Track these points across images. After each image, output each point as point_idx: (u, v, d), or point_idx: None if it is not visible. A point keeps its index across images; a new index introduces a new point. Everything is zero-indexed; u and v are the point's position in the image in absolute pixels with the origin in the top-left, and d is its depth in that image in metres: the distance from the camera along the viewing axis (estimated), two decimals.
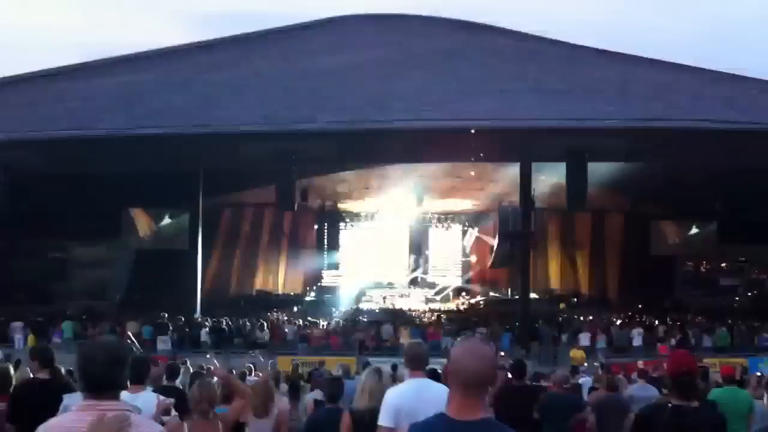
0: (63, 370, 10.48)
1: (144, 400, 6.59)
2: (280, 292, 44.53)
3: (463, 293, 46.05)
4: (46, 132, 23.28)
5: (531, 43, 33.99)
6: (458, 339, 3.33)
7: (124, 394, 6.21)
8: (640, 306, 38.48)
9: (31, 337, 27.16)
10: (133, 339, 27.97)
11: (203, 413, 6.28)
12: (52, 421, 3.39)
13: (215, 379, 8.73)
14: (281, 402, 10.28)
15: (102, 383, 3.34)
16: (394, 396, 5.48)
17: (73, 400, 5.34)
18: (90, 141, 23.61)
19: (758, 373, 17.03)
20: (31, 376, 7.53)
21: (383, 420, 5.33)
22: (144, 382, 6.98)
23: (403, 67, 28.37)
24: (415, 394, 5.38)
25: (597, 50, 33.81)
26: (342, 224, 45.53)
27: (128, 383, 6.67)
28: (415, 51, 30.95)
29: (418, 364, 5.81)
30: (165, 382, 9.22)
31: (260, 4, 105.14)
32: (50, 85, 28.58)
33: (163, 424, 5.33)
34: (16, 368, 9.39)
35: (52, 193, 28.50)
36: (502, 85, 26.12)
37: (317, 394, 11.08)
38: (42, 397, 6.32)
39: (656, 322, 32.88)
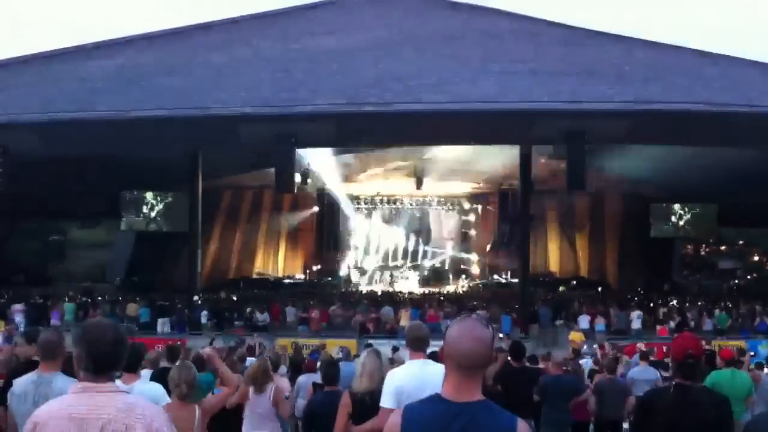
0: None
1: (140, 390, 6.47)
2: (280, 274, 44.60)
3: (463, 276, 46.13)
4: (44, 114, 23.17)
5: (530, 24, 33.81)
6: (455, 320, 3.32)
7: (117, 384, 6.19)
8: (639, 289, 38.55)
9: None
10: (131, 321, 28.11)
11: (181, 396, 6.21)
12: (51, 404, 3.36)
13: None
14: (281, 381, 10.29)
15: (109, 364, 3.33)
16: (395, 378, 5.48)
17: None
18: (88, 123, 23.50)
19: (751, 353, 17.12)
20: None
21: (385, 402, 5.34)
22: (137, 371, 6.93)
23: (402, 49, 28.25)
24: (416, 376, 5.39)
25: (596, 32, 33.66)
26: (341, 207, 45.54)
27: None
28: (414, 32, 30.80)
29: (419, 346, 5.81)
30: (166, 364, 9.21)
31: None
32: (48, 67, 28.44)
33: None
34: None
35: (51, 175, 28.46)
36: (501, 66, 26.01)
37: (315, 376, 11.09)
38: None
39: (656, 304, 32.92)
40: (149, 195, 34.64)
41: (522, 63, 26.37)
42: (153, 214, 35.27)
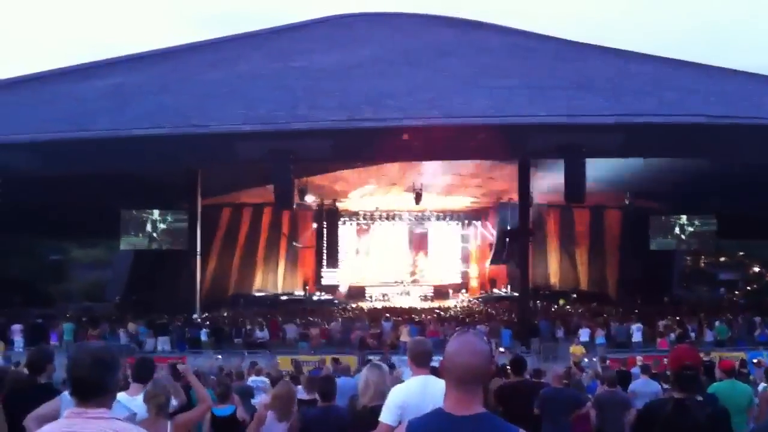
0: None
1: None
2: (279, 291, 44.52)
3: (463, 290, 46.09)
4: (42, 134, 23.22)
5: (523, 39, 33.95)
6: (453, 334, 3.34)
7: (123, 395, 6.24)
8: (639, 301, 38.50)
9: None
10: (131, 338, 28.07)
11: (156, 410, 6.17)
12: (46, 428, 3.33)
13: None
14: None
15: (88, 388, 3.27)
16: (398, 394, 5.43)
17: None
18: (87, 142, 23.54)
19: (755, 360, 17.06)
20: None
21: (385, 417, 5.27)
22: (147, 382, 6.97)
23: (397, 65, 28.35)
24: (420, 391, 5.33)
25: (590, 45, 33.79)
26: (340, 223, 45.50)
27: (130, 383, 6.74)
28: (408, 49, 30.93)
29: (422, 361, 5.73)
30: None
31: (255, 3, 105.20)
32: (46, 87, 28.52)
33: None
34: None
35: (50, 195, 28.47)
36: (495, 81, 26.08)
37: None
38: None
39: (655, 317, 32.86)
40: (148, 213, 34.65)
41: (516, 78, 26.45)
42: (152, 233, 35.27)
